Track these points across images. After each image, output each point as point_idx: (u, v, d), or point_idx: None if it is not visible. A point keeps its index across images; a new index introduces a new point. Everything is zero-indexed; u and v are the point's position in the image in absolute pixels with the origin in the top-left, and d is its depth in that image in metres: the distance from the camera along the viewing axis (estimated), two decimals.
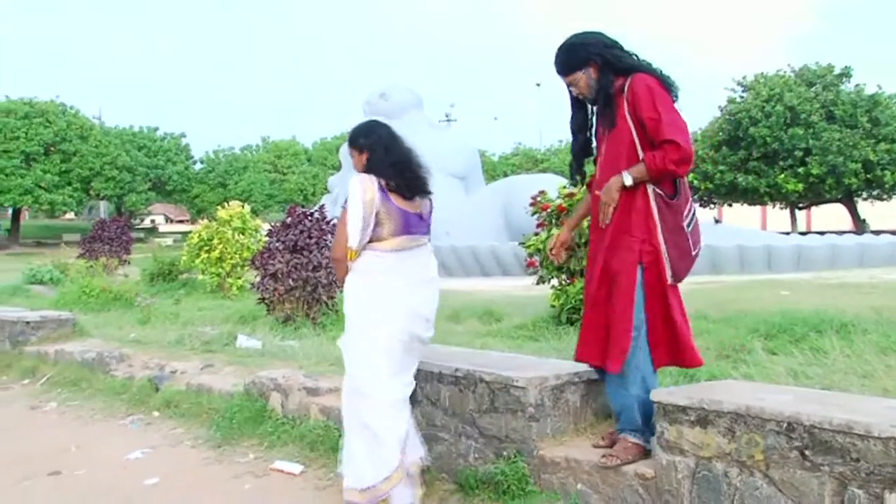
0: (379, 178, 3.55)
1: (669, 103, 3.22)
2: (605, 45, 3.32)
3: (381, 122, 3.85)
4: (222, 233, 13.72)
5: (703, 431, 2.99)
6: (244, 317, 9.40)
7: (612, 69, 3.30)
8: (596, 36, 3.36)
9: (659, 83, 3.24)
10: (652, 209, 3.23)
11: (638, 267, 3.27)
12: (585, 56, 3.32)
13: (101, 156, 45.46)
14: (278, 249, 9.01)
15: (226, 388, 5.67)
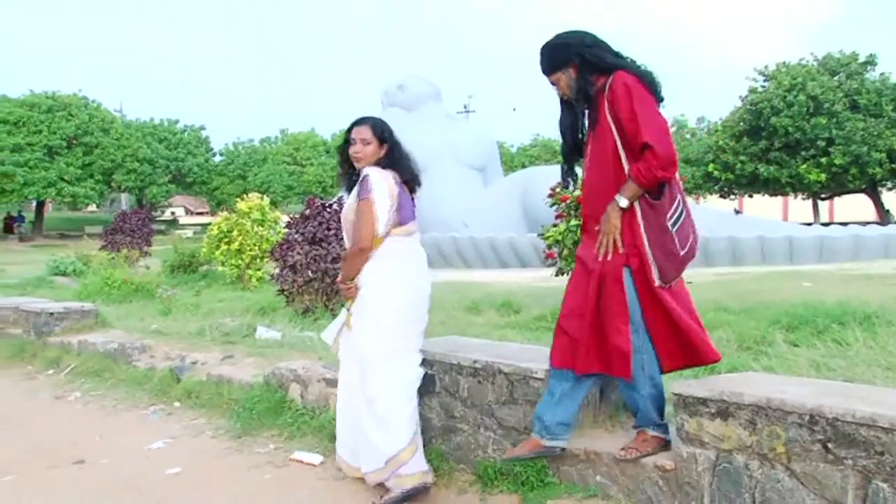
0: (394, 171, 3.86)
1: (648, 103, 3.13)
2: (585, 44, 3.26)
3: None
4: (242, 224, 13.78)
5: (723, 424, 2.97)
6: (263, 308, 9.44)
7: (591, 69, 3.24)
8: (577, 35, 3.30)
9: (639, 81, 3.14)
10: (635, 211, 3.18)
11: (625, 269, 3.22)
12: (565, 56, 3.28)
13: (122, 148, 45.73)
14: (297, 241, 9.04)
15: (246, 379, 5.70)
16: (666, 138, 3.08)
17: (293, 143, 58.56)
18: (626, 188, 3.16)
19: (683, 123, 50.32)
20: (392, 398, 3.72)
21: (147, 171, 47.86)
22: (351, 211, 3.85)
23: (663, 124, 3.11)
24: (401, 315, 3.78)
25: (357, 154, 3.87)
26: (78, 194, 43.77)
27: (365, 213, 3.71)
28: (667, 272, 3.20)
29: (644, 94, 3.12)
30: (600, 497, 3.43)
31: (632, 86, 3.12)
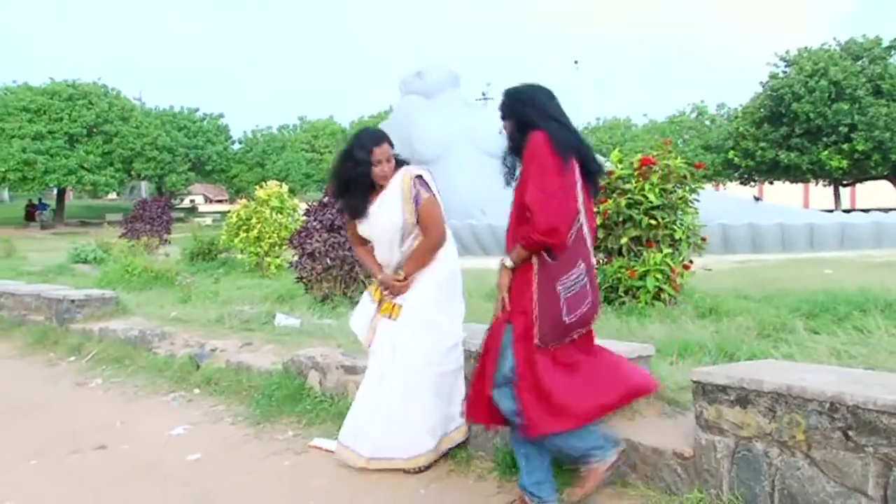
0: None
1: (543, 165, 3.10)
2: (524, 103, 3.30)
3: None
4: (260, 212, 13.82)
5: (743, 411, 2.96)
6: (282, 296, 9.47)
7: (523, 127, 3.26)
8: (527, 93, 3.34)
9: (548, 143, 3.12)
10: (532, 266, 3.18)
11: (506, 324, 3.22)
12: (507, 110, 3.36)
13: (141, 136, 45.96)
14: (316, 229, 9.05)
15: (265, 366, 5.73)
16: (546, 205, 3.05)
17: (311, 130, 58.71)
18: (514, 250, 3.21)
19: (703, 110, 49.96)
20: (439, 391, 3.94)
21: (166, 159, 48.09)
22: (398, 215, 3.94)
23: (550, 190, 3.07)
24: (459, 307, 4.03)
25: (386, 174, 3.96)
26: (98, 182, 44.09)
27: (436, 209, 3.94)
28: (546, 335, 3.13)
29: (543, 157, 3.10)
30: (619, 484, 3.43)
31: (536, 146, 3.12)
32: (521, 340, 3.17)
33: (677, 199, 7.06)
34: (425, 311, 3.94)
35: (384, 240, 4.03)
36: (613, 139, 51.41)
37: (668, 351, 5.01)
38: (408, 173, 3.98)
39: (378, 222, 4.01)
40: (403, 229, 3.96)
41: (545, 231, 3.05)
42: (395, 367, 3.92)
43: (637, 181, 7.03)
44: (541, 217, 3.05)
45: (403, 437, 3.89)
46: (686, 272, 7.11)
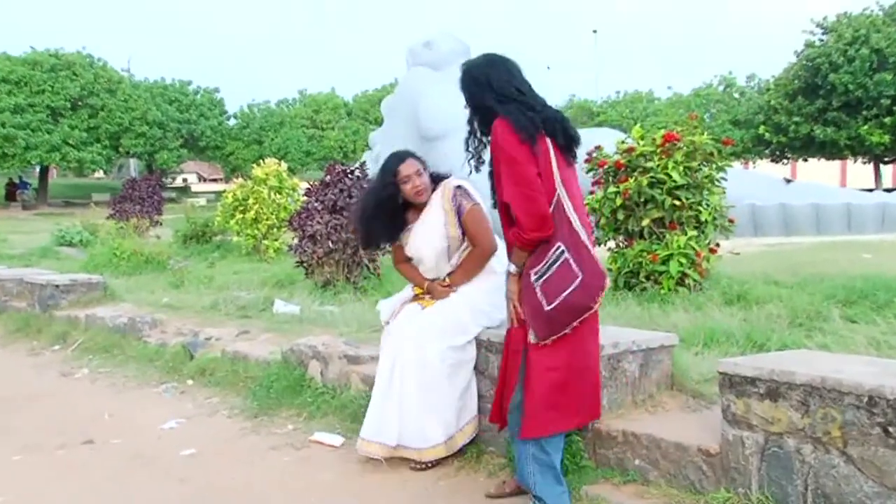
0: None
1: (512, 157, 3.11)
2: (478, 83, 3.30)
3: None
4: (258, 192, 13.84)
5: (773, 405, 2.95)
6: (281, 281, 9.50)
7: (483, 111, 3.29)
8: (477, 71, 3.34)
9: (509, 128, 3.12)
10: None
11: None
12: (464, 90, 3.38)
13: (130, 111, 45.97)
14: (317, 210, 9.06)
15: (263, 356, 5.76)
16: (526, 200, 3.09)
17: (312, 105, 58.55)
18: (512, 254, 3.26)
19: (731, 82, 49.65)
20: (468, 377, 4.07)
21: (157, 135, 48.12)
22: (441, 229, 4.11)
23: (525, 183, 3.09)
24: (494, 315, 4.08)
25: (419, 188, 4.11)
26: (84, 159, 44.13)
27: (482, 218, 4.09)
28: (536, 328, 3.17)
29: (510, 148, 3.11)
30: (639, 482, 3.44)
31: (500, 138, 3.14)
32: (522, 342, 3.24)
33: (703, 177, 7.03)
34: (457, 313, 4.06)
35: (431, 257, 4.18)
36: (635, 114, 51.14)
37: (693, 340, 5.01)
38: (446, 186, 4.15)
39: (423, 241, 4.18)
40: (450, 244, 4.12)
41: (534, 227, 3.10)
42: (409, 358, 3.98)
43: (660, 159, 7.00)
44: (525, 214, 3.09)
45: (418, 428, 3.94)
46: (712, 256, 7.10)
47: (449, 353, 3.98)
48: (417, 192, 4.11)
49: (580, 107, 56.42)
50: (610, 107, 55.07)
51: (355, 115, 58.26)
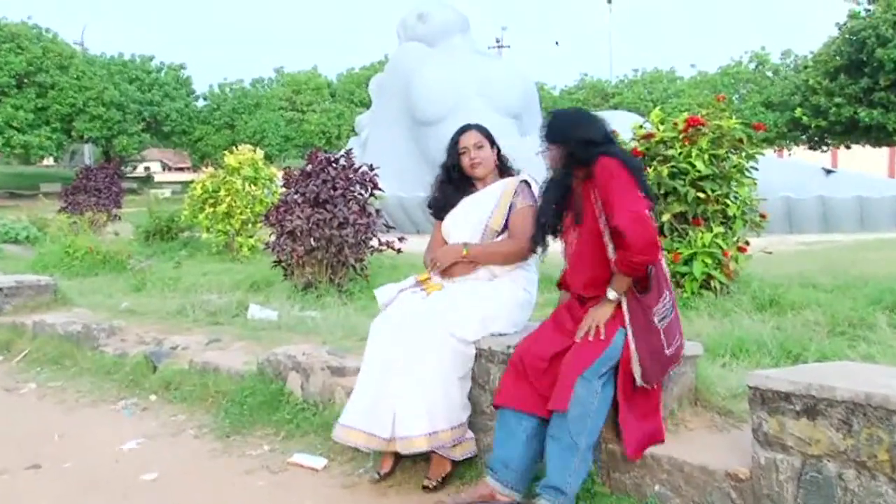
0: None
1: (625, 186, 3.52)
2: (578, 127, 3.74)
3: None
4: (230, 183, 13.84)
5: (811, 424, 2.95)
6: (257, 283, 9.50)
7: (574, 161, 3.70)
8: (576, 117, 3.83)
9: (621, 165, 3.56)
10: (622, 306, 3.56)
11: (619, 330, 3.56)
12: (559, 136, 3.77)
13: (83, 90, 45.90)
14: (297, 203, 9.06)
15: (235, 367, 5.75)
16: (637, 226, 3.44)
17: (291, 84, 58.59)
18: (615, 280, 3.58)
19: (764, 59, 49.74)
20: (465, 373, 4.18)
21: (115, 117, 48.06)
22: (478, 218, 4.39)
23: (637, 209, 3.48)
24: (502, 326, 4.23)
25: (475, 160, 4.44)
26: (30, 144, 44.02)
27: (530, 221, 4.19)
28: (651, 372, 3.51)
29: (623, 178, 3.54)
30: None
31: (611, 168, 3.55)
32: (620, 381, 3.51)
33: (731, 167, 7.04)
34: (467, 307, 4.15)
35: (461, 237, 4.41)
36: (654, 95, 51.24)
37: (719, 350, 5.01)
38: (514, 181, 4.41)
39: (461, 216, 4.46)
40: (485, 233, 4.37)
41: (643, 248, 3.44)
42: (412, 342, 4.02)
43: (682, 146, 7.01)
44: (636, 236, 3.43)
45: (413, 416, 3.96)
46: (741, 256, 7.11)
47: (454, 342, 4.06)
48: (473, 165, 4.42)
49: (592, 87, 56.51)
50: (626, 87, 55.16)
51: (340, 96, 58.31)
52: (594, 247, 3.66)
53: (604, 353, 3.48)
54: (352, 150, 9.86)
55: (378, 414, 4.00)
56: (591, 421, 3.42)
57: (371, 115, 24.77)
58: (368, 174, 9.38)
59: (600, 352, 3.49)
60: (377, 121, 23.48)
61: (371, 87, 25.77)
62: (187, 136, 55.71)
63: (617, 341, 3.50)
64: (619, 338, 3.51)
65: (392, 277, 8.90)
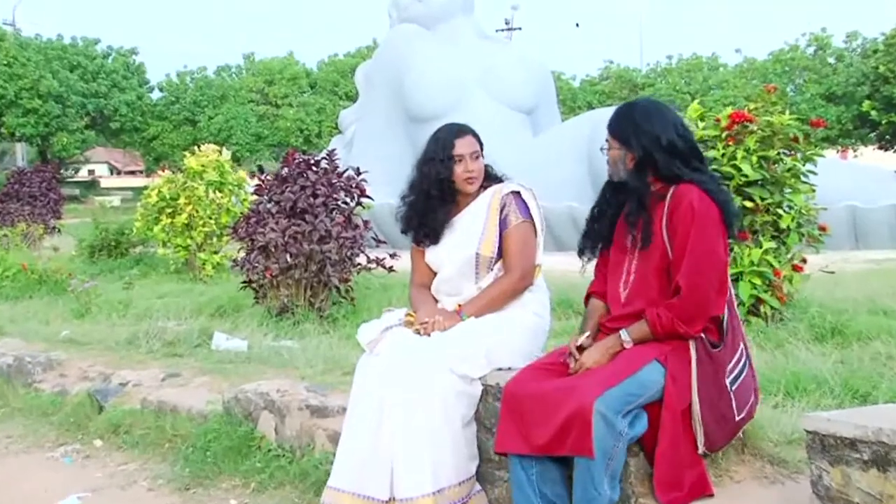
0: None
1: (707, 230, 3.55)
2: (659, 144, 3.68)
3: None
4: (191, 189, 13.83)
5: (881, 476, 2.95)
6: (223, 307, 9.50)
7: (652, 170, 3.71)
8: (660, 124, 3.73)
9: (710, 202, 3.59)
10: (689, 359, 3.54)
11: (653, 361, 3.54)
12: (630, 138, 3.75)
13: (15, 78, 45.87)
14: (270, 213, 9.07)
15: (197, 407, 5.75)
16: (701, 293, 3.50)
17: (264, 73, 58.66)
18: (637, 328, 3.62)
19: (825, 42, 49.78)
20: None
21: (53, 111, 48.05)
22: (467, 243, 4.34)
23: (712, 272, 3.54)
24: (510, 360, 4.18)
25: (472, 174, 4.36)
26: None
27: (529, 242, 4.31)
28: (715, 439, 3.56)
29: (709, 224, 3.56)
30: None
31: (699, 210, 3.56)
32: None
33: (784, 171, 7.06)
34: (470, 339, 4.12)
35: (452, 271, 4.40)
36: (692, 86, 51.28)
37: (771, 388, 5.01)
38: (499, 191, 4.36)
39: (449, 244, 4.41)
40: (478, 260, 4.33)
41: (689, 318, 3.49)
42: (407, 388, 3.96)
43: (726, 146, 7.03)
44: (690, 302, 3.50)
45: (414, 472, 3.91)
46: (796, 275, 7.11)
47: (457, 381, 4.03)
48: (469, 180, 4.34)
49: (619, 77, 56.59)
50: (659, 76, 55.21)
51: (320, 87, 58.38)
52: (649, 281, 3.68)
53: (626, 382, 3.43)
54: (335, 151, 9.85)
55: (373, 471, 3.95)
56: (614, 462, 3.39)
57: (357, 110, 24.79)
58: (355, 179, 9.38)
59: (620, 378, 3.43)
60: (365, 117, 23.49)
61: (357, 78, 25.79)
62: (140, 134, 55.71)
63: (649, 375, 3.47)
64: (653, 372, 3.48)
65: (382, 301, 8.92)
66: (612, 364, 3.51)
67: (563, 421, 3.37)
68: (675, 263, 3.56)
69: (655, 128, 3.69)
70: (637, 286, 3.75)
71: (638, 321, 3.63)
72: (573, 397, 3.38)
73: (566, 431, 3.37)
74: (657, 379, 3.47)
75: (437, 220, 4.42)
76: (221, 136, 51.50)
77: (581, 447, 3.32)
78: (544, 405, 3.49)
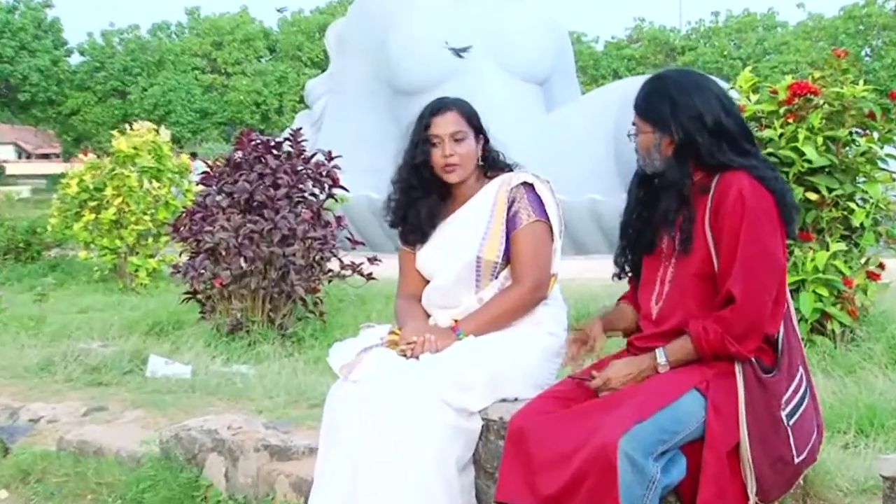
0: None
1: (761, 225, 3.50)
2: (703, 124, 3.59)
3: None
4: (121, 177, 13.81)
5: None
6: (160, 324, 9.49)
7: (693, 158, 3.64)
8: (704, 100, 3.63)
9: (765, 192, 3.54)
10: (736, 386, 3.48)
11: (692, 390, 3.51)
12: (666, 118, 3.65)
13: None
14: (221, 207, 9.05)
15: (128, 448, 5.74)
16: (758, 302, 3.46)
17: (211, 33, 58.61)
18: (677, 346, 3.58)
19: None
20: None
21: None
22: (467, 245, 4.31)
23: (771, 274, 3.50)
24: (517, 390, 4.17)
25: (451, 160, 4.29)
26: None
27: (544, 244, 4.31)
28: (770, 486, 3.51)
29: (765, 218, 3.52)
30: None
31: (750, 202, 3.50)
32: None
33: (857, 155, 7.05)
34: (470, 366, 4.08)
35: (448, 279, 4.38)
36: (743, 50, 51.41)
37: (839, 425, 5.03)
38: (507, 182, 4.35)
39: (444, 249, 4.39)
40: (481, 265, 4.31)
41: (742, 334, 3.44)
42: (389, 425, 3.92)
43: (784, 124, 7.04)
44: (746, 314, 3.45)
45: None
46: (872, 285, 7.09)
47: (453, 416, 3.98)
48: (447, 168, 4.29)
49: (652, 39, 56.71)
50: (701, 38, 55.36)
51: (282, 51, 58.38)
52: (701, 280, 3.65)
53: (658, 415, 3.39)
54: (301, 131, 9.84)
55: None
56: None
57: (328, 81, 24.71)
58: (325, 166, 9.36)
59: (652, 410, 3.38)
60: (338, 88, 23.41)
61: (328, 39, 25.73)
62: (55, 109, 55.62)
63: (687, 407, 3.43)
64: (692, 404, 3.44)
65: (360, 316, 8.95)
66: (640, 391, 3.47)
67: (580, 464, 3.30)
68: (724, 268, 3.51)
69: (697, 103, 3.60)
70: (672, 300, 3.72)
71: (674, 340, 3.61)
72: (593, 434, 3.32)
73: (583, 477, 3.31)
74: (697, 412, 3.41)
75: (420, 217, 4.42)
76: (158, 111, 51.48)
77: (602, 497, 3.26)
78: (557, 443, 3.44)
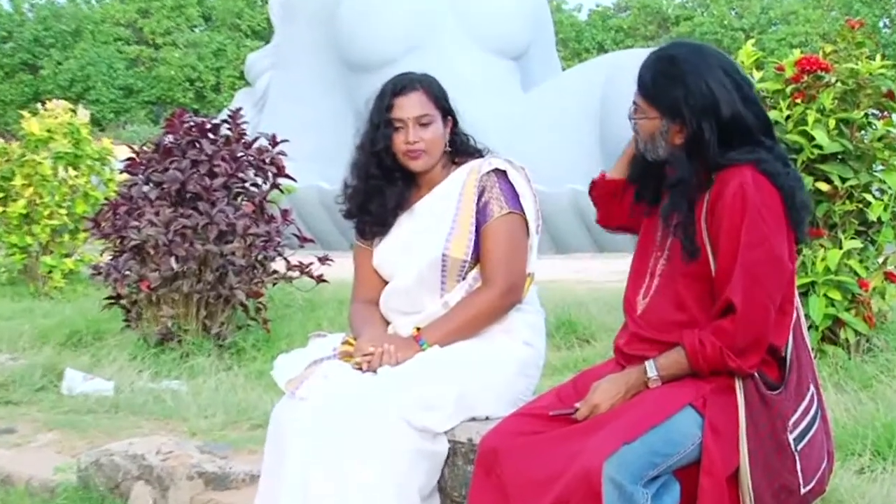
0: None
1: (763, 224, 3.43)
2: (717, 113, 3.49)
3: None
4: (32, 165, 13.78)
5: None
6: (78, 333, 9.47)
7: (705, 152, 3.53)
8: (717, 82, 3.52)
9: (771, 189, 3.48)
10: (736, 403, 3.45)
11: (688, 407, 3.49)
12: (678, 105, 3.54)
13: None
14: (149, 199, 9.03)
15: (41, 476, 5.72)
16: (759, 311, 3.41)
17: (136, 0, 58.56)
18: (669, 359, 3.53)
19: None
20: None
21: None
22: (431, 241, 4.30)
23: (774, 279, 3.46)
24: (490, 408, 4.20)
25: (415, 146, 4.25)
26: None
27: (518, 239, 4.31)
28: None
29: (767, 220, 3.45)
30: None
31: (752, 198, 3.43)
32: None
33: (874, 140, 7.09)
34: (436, 380, 4.07)
35: (409, 279, 4.36)
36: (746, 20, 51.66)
37: (853, 446, 5.04)
38: (476, 169, 4.34)
39: (404, 245, 4.37)
40: (447, 263, 4.29)
41: (745, 348, 3.40)
42: (342, 447, 3.87)
43: (792, 106, 7.06)
44: (747, 324, 3.40)
45: None
46: (891, 287, 7.12)
47: (415, 437, 3.94)
48: (410, 154, 4.26)
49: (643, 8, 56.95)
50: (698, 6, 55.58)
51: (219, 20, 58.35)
52: (693, 281, 3.61)
53: (649, 435, 3.36)
54: (241, 112, 9.82)
55: None
56: None
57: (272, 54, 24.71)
58: (269, 152, 9.34)
59: (641, 430, 3.35)
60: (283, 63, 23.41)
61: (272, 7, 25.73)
62: None
63: (681, 426, 3.41)
64: (687, 423, 3.42)
65: (308, 324, 8.96)
66: (629, 408, 3.44)
67: (560, 491, 3.27)
68: (722, 273, 3.46)
69: (714, 91, 3.49)
70: (660, 296, 3.68)
71: (667, 349, 3.56)
72: (575, 457, 3.29)
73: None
74: (693, 432, 3.38)
75: (382, 206, 4.38)
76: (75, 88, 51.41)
77: None
78: (534, 468, 3.41)
